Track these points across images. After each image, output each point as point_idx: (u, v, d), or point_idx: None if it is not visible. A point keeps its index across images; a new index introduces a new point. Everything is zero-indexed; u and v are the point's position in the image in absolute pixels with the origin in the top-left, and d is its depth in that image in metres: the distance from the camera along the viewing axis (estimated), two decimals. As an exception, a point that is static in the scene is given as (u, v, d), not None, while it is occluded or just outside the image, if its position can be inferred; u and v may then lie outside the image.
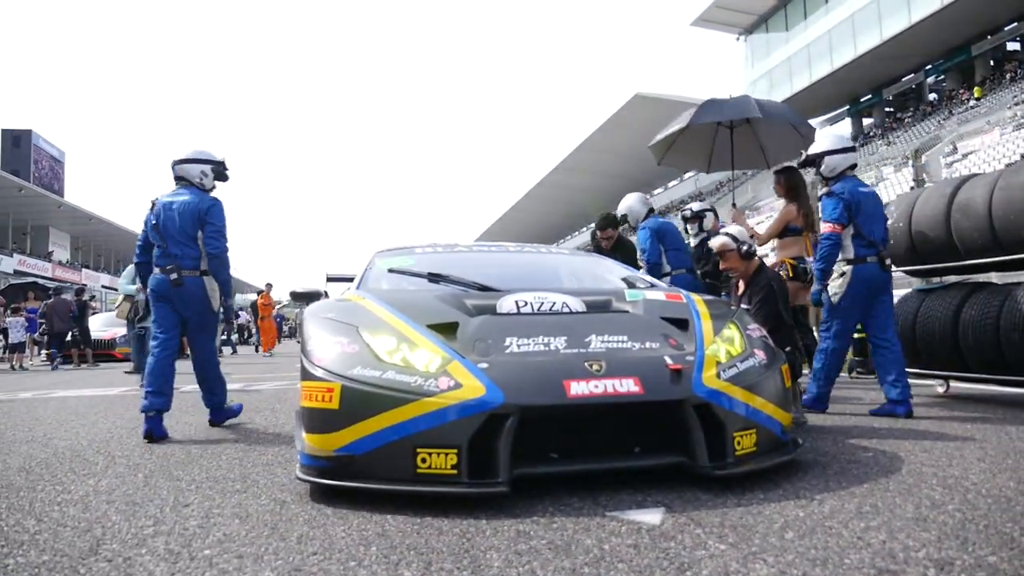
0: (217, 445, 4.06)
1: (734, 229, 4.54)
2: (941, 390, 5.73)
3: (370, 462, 2.58)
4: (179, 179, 4.71)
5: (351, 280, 4.45)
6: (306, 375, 2.85)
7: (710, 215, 6.86)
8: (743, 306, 4.30)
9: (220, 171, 4.80)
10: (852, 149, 4.87)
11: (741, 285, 4.58)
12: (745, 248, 4.43)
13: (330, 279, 5.22)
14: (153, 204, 4.66)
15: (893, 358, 4.55)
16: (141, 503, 2.72)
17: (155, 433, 4.27)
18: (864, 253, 4.62)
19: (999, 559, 1.84)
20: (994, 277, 6.43)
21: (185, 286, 4.51)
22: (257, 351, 20.23)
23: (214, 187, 4.79)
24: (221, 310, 4.71)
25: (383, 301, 3.34)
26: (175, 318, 4.60)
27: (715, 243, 4.53)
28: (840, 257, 4.65)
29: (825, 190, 4.72)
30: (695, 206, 6.96)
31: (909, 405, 4.46)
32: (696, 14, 43.49)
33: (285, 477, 3.12)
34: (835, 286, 4.66)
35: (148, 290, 4.65)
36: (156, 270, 4.59)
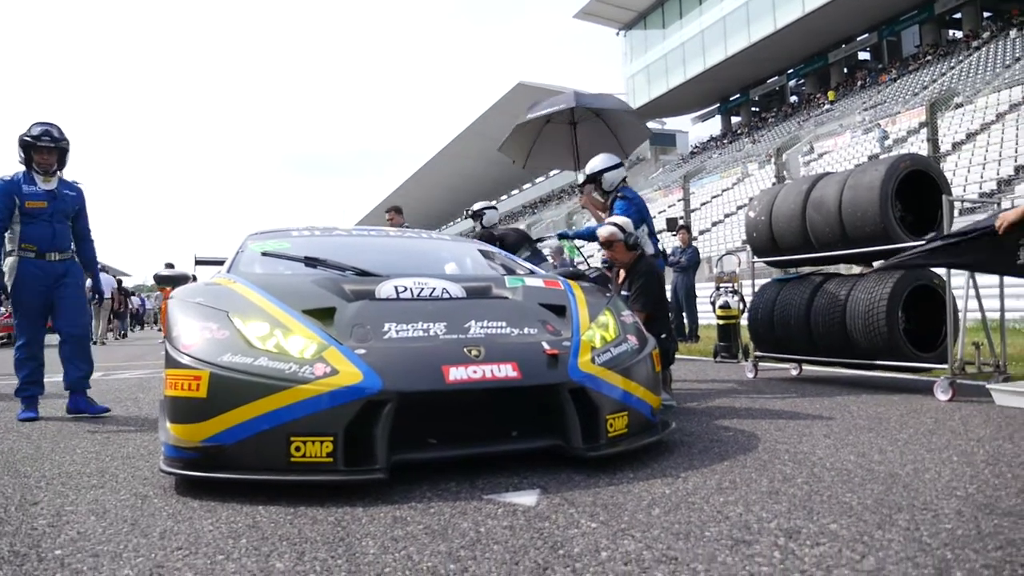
0: (71, 439, 3.79)
1: (620, 220, 4.68)
2: (795, 373, 6.18)
3: (241, 452, 2.49)
4: None
5: (222, 263, 4.26)
6: (171, 362, 2.70)
7: (490, 212, 7.33)
8: (623, 293, 4.46)
9: (22, 142, 4.49)
10: (622, 165, 5.51)
11: (622, 274, 4.74)
12: (632, 239, 4.59)
13: (199, 262, 4.97)
14: None
15: None
16: (-19, 503, 2.50)
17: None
18: (657, 250, 5.32)
19: (839, 526, 2.01)
20: (842, 269, 6.98)
21: None
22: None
23: (23, 161, 4.53)
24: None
25: (256, 285, 3.21)
26: None
27: (603, 233, 4.65)
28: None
29: (620, 195, 5.24)
30: (477, 205, 7.44)
31: None
32: (578, 7, 44.30)
33: (147, 470, 2.95)
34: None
35: None
36: None
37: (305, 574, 1.76)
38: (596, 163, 5.42)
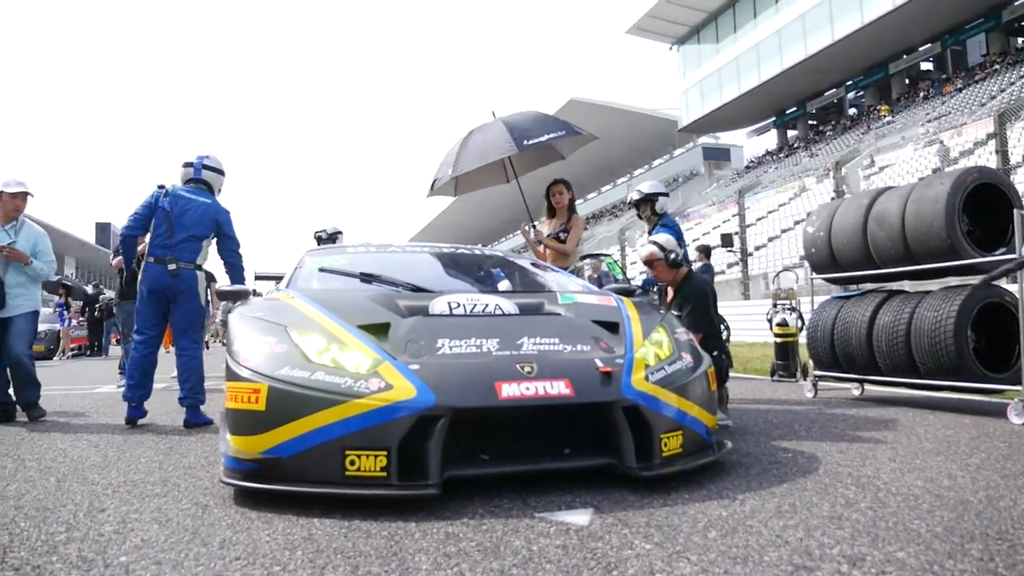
0: (136, 448, 3.91)
1: (661, 238, 4.64)
2: (857, 393, 5.99)
3: (298, 464, 2.53)
4: (198, 182, 4.94)
5: (280, 278, 4.36)
6: (232, 375, 2.77)
7: (342, 236, 7.66)
8: (673, 312, 4.40)
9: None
10: (667, 194, 5.80)
11: (670, 292, 4.69)
12: (672, 257, 4.54)
13: (258, 277, 5.11)
14: (165, 190, 4.79)
15: None
16: (53, 508, 2.60)
17: (135, 417, 4.77)
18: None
19: (907, 554, 1.94)
20: (906, 285, 6.75)
21: (181, 278, 4.69)
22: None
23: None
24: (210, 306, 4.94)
25: (313, 300, 3.28)
26: (162, 313, 4.79)
27: (643, 253, 4.63)
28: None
29: (661, 222, 5.50)
30: (330, 228, 7.72)
31: None
32: (631, 23, 44.19)
33: (208, 480, 3.02)
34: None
35: (139, 282, 4.81)
36: (150, 259, 4.70)
37: (359, 588, 1.77)
38: (651, 186, 5.70)
